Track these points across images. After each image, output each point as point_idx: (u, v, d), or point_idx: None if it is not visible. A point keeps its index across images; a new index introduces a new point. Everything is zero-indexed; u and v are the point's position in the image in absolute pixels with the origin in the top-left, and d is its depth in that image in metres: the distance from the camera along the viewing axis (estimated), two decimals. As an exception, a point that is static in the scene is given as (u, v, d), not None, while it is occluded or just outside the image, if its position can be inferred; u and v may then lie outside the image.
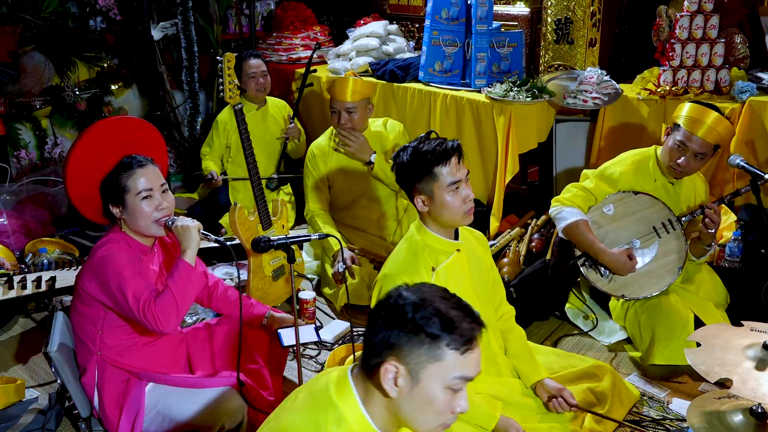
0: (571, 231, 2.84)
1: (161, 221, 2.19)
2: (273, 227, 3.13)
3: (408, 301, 1.32)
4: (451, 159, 2.07)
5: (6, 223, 3.62)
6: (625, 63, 4.10)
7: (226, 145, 3.97)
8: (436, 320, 1.29)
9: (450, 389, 1.31)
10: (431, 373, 1.30)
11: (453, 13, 3.83)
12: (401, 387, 1.31)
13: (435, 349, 1.29)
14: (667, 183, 2.90)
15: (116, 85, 4.51)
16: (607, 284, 2.85)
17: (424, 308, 1.30)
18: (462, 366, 1.31)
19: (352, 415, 1.35)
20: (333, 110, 3.23)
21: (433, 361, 1.29)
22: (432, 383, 1.30)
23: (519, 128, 3.60)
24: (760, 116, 3.25)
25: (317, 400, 1.38)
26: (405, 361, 1.30)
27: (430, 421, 1.34)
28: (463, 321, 1.31)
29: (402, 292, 1.35)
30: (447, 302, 1.33)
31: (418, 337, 1.29)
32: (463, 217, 2.15)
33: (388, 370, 1.31)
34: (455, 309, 1.32)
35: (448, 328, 1.29)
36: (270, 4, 5.19)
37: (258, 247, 2.22)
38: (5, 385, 2.53)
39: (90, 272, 2.14)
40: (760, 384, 1.71)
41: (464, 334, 1.30)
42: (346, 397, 1.37)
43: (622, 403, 2.48)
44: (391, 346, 1.31)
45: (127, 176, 2.16)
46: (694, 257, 2.92)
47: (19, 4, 3.93)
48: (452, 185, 2.08)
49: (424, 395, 1.31)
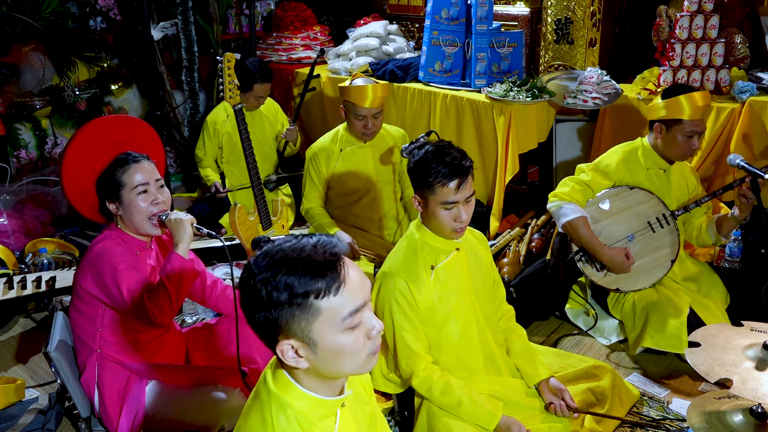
0: (571, 228, 2.87)
1: (156, 217, 2.19)
2: (273, 227, 3.13)
3: (257, 278, 1.24)
4: (453, 181, 2.06)
5: (6, 223, 3.62)
6: (625, 63, 4.10)
7: (218, 146, 3.97)
8: (289, 284, 1.22)
9: (348, 329, 1.27)
10: (320, 329, 1.25)
11: (453, 13, 3.83)
12: (306, 356, 1.28)
13: (307, 308, 1.24)
14: (659, 170, 2.94)
15: (116, 85, 4.51)
16: (603, 278, 2.91)
17: (272, 279, 1.23)
18: (343, 305, 1.25)
19: (294, 397, 1.33)
20: (359, 116, 3.24)
21: (314, 319, 1.25)
22: (329, 337, 1.26)
23: (519, 128, 3.60)
24: (760, 116, 3.25)
25: (261, 397, 1.37)
26: (291, 334, 1.26)
27: (353, 362, 1.30)
28: (316, 267, 1.23)
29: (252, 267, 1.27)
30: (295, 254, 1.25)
31: (286, 310, 1.24)
32: (450, 233, 2.15)
33: (284, 351, 1.28)
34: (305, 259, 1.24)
35: (306, 285, 1.23)
36: (270, 4, 5.19)
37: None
38: (5, 385, 2.53)
39: (86, 269, 2.15)
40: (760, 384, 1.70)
41: (324, 279, 1.23)
42: (282, 383, 1.35)
43: (622, 403, 2.48)
44: (270, 327, 1.27)
45: (122, 171, 2.16)
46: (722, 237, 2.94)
47: (19, 4, 3.93)
48: (446, 204, 2.08)
49: (330, 350, 1.27)
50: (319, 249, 1.26)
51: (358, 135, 3.31)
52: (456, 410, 2.13)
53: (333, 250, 1.27)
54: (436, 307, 2.20)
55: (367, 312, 1.31)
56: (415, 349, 2.16)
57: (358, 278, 1.30)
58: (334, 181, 3.41)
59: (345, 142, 3.37)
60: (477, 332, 2.27)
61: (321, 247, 1.26)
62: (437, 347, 2.24)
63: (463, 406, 2.12)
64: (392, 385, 2.34)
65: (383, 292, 2.18)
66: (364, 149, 3.39)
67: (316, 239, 1.28)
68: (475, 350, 2.27)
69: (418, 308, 2.17)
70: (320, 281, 1.24)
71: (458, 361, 2.25)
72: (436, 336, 2.23)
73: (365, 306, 1.31)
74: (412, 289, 2.15)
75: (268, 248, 1.29)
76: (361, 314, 1.29)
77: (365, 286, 1.31)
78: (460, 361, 2.25)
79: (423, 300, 2.17)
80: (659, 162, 2.92)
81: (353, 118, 3.26)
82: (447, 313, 2.22)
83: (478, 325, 2.27)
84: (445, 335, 2.23)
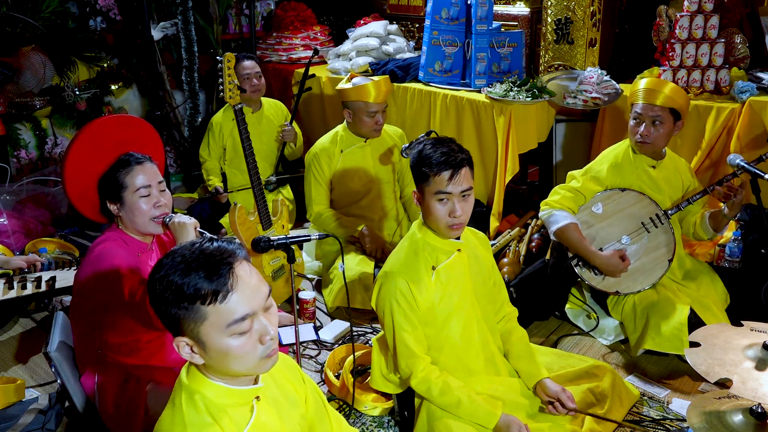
0: (562, 234, 2.89)
1: (159, 219, 2.19)
2: (273, 227, 3.13)
3: (155, 278, 1.31)
4: (446, 171, 2.06)
5: (6, 223, 3.62)
6: (625, 63, 4.10)
7: (222, 147, 3.97)
8: (179, 287, 1.27)
9: (236, 334, 1.31)
10: (207, 332, 1.30)
11: (453, 13, 3.83)
12: (199, 353, 1.34)
13: (194, 312, 1.29)
14: (648, 167, 2.95)
15: (116, 85, 4.51)
16: (602, 282, 2.91)
17: (165, 280, 1.29)
18: (228, 313, 1.29)
19: (204, 387, 1.38)
20: (371, 113, 3.25)
21: (201, 322, 1.29)
22: (216, 339, 1.30)
23: (519, 128, 3.61)
24: (760, 116, 3.25)
25: (174, 391, 1.42)
26: (185, 332, 1.32)
27: (244, 363, 1.34)
28: (205, 273, 1.28)
29: (155, 266, 1.33)
30: (188, 261, 1.29)
31: (176, 310, 1.29)
32: (445, 229, 2.14)
33: (180, 346, 1.33)
34: (195, 268, 1.28)
35: (192, 289, 1.27)
36: (270, 4, 5.20)
37: (258, 247, 2.22)
38: (5, 385, 2.53)
39: (87, 270, 2.15)
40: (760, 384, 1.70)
41: (208, 289, 1.27)
42: (193, 375, 1.40)
43: (622, 403, 2.48)
44: (169, 324, 1.33)
45: (125, 173, 2.16)
46: (713, 231, 2.94)
47: (19, 4, 3.93)
48: (439, 194, 2.08)
49: (218, 351, 1.31)
50: (215, 255, 1.30)
51: (369, 133, 3.32)
52: (455, 410, 2.13)
53: (227, 258, 1.30)
54: (437, 308, 2.20)
55: (261, 318, 1.34)
56: (414, 349, 2.16)
57: (251, 287, 1.32)
58: (335, 182, 3.41)
59: (345, 142, 3.37)
60: (478, 333, 2.27)
61: (218, 254, 1.30)
62: (437, 348, 2.23)
63: (462, 405, 2.12)
64: (392, 386, 2.34)
65: (384, 292, 2.18)
66: (364, 149, 3.39)
67: (217, 245, 1.32)
68: (475, 351, 2.27)
69: (418, 309, 2.17)
70: (206, 288, 1.27)
71: (458, 362, 2.25)
72: (437, 337, 2.23)
73: (257, 314, 1.33)
74: (413, 289, 2.15)
75: (176, 248, 1.34)
76: (251, 321, 1.32)
77: (259, 294, 1.34)
78: (461, 362, 2.25)
79: (424, 300, 2.17)
80: (647, 160, 2.93)
81: (364, 117, 3.26)
82: (448, 314, 2.22)
83: (478, 326, 2.27)
84: (445, 336, 2.23)
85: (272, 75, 4.83)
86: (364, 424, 2.53)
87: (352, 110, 3.29)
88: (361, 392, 2.59)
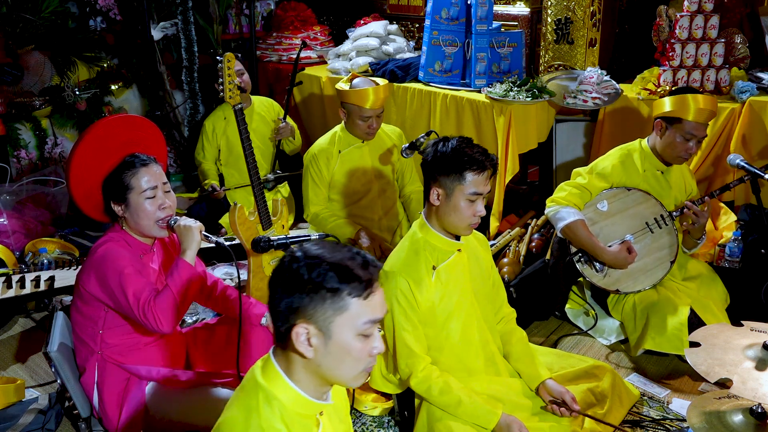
0: (569, 231, 2.87)
1: (164, 221, 2.19)
2: (273, 227, 3.13)
3: (301, 263, 1.34)
4: (485, 172, 2.09)
5: (6, 223, 3.62)
6: (625, 63, 4.10)
7: (216, 148, 3.97)
8: (332, 274, 1.32)
9: (362, 335, 1.36)
10: (340, 324, 1.34)
11: (453, 13, 3.83)
12: (315, 345, 1.35)
13: (338, 301, 1.33)
14: (656, 172, 2.94)
15: (116, 85, 4.50)
16: (602, 279, 2.91)
17: (318, 266, 1.33)
18: (367, 311, 1.35)
19: (280, 390, 1.39)
20: (365, 118, 3.26)
21: (340, 312, 1.33)
22: (344, 334, 1.34)
23: (519, 128, 3.60)
24: (760, 116, 3.25)
25: (246, 389, 1.42)
26: (313, 320, 1.33)
27: (351, 369, 1.38)
28: (358, 268, 1.34)
29: (295, 254, 1.37)
30: (340, 254, 1.36)
31: (320, 294, 1.32)
32: (466, 228, 2.17)
33: (299, 333, 1.34)
34: (349, 259, 1.35)
35: (346, 279, 1.32)
36: (270, 4, 5.19)
37: (258, 247, 2.22)
38: (5, 385, 2.53)
39: (90, 270, 2.14)
40: (760, 384, 1.70)
41: (362, 280, 1.34)
42: (271, 375, 1.40)
43: (622, 403, 2.48)
44: (296, 309, 1.34)
45: (130, 175, 2.16)
46: (686, 249, 3.01)
47: (19, 4, 3.93)
48: (472, 195, 2.09)
49: (339, 347, 1.35)
50: (363, 256, 1.38)
51: (362, 135, 3.32)
52: (455, 410, 2.12)
53: (372, 261, 1.39)
54: (437, 308, 2.20)
55: (378, 331, 1.40)
56: (414, 349, 2.16)
57: (382, 295, 1.40)
58: (334, 182, 3.41)
59: (343, 143, 3.37)
60: (478, 333, 2.27)
61: (361, 257, 1.38)
62: (437, 348, 2.23)
63: (462, 405, 2.11)
64: (391, 386, 2.34)
65: (384, 291, 2.17)
66: (363, 150, 3.39)
67: (355, 251, 1.39)
68: (475, 351, 2.27)
69: (419, 308, 2.17)
70: (357, 281, 1.33)
71: (458, 362, 2.25)
72: (437, 337, 2.23)
73: (380, 323, 1.40)
74: (414, 289, 2.15)
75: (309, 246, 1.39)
76: (375, 328, 1.38)
77: (384, 308, 1.41)
78: (461, 362, 2.25)
79: (424, 300, 2.17)
80: (656, 164, 2.92)
81: (357, 120, 3.26)
82: (448, 314, 2.21)
83: (478, 326, 2.27)
84: (446, 336, 2.23)
85: (272, 75, 4.83)
86: (364, 424, 2.53)
87: (348, 111, 3.29)
88: (361, 392, 2.59)
